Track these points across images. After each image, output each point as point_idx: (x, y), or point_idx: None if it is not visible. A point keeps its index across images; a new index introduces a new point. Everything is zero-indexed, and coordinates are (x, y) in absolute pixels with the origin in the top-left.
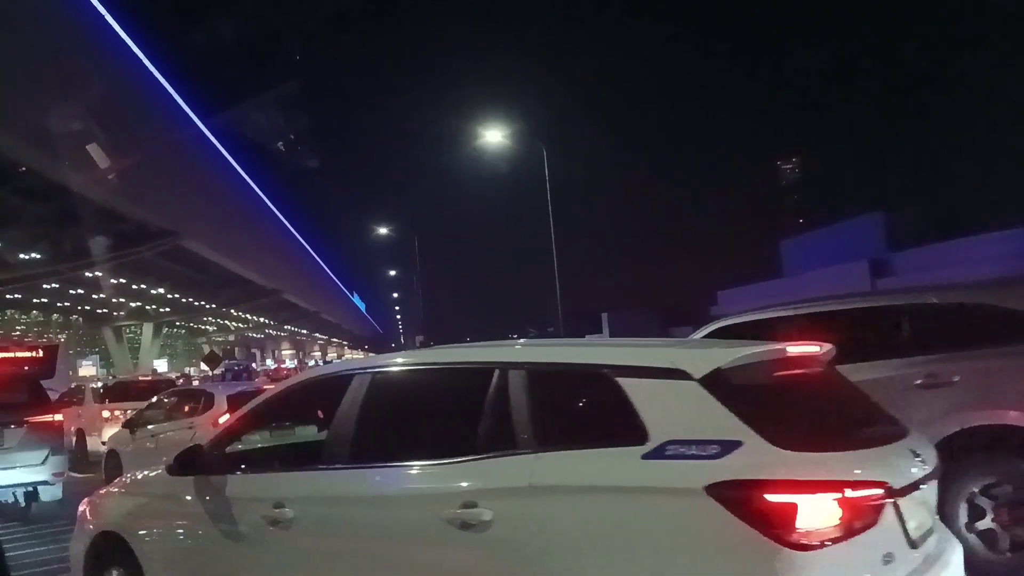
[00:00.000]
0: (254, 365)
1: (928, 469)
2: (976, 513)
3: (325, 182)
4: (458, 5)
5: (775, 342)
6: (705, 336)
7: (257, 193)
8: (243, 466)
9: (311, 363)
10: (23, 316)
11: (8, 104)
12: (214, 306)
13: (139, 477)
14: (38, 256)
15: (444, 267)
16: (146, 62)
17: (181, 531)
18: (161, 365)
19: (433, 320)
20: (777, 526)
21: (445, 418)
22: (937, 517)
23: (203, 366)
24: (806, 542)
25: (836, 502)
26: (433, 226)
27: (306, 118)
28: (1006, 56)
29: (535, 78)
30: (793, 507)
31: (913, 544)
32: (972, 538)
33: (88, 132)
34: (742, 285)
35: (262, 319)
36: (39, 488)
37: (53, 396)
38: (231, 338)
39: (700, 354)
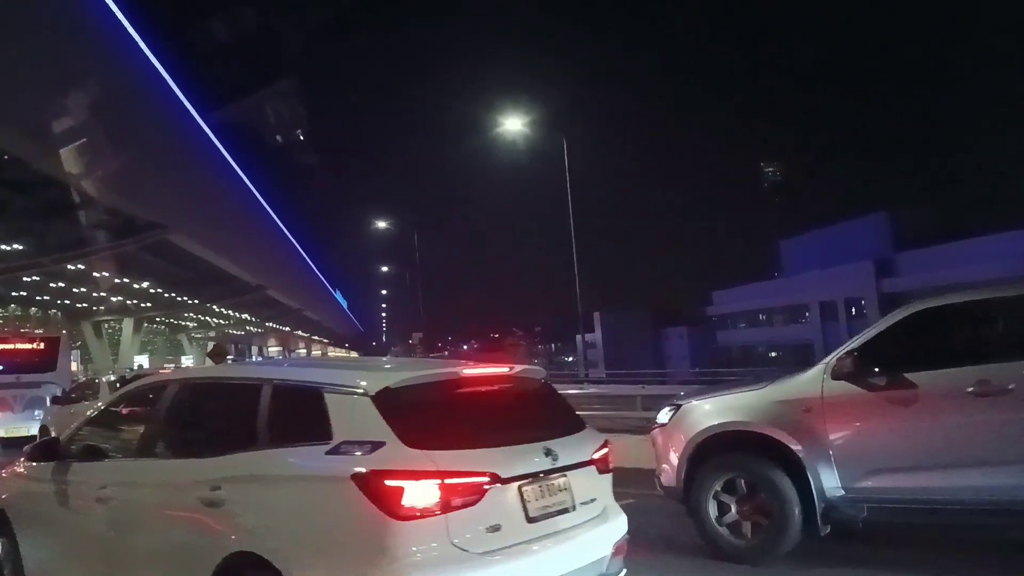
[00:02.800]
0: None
1: (559, 463)
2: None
3: (315, 176)
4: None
5: (455, 365)
6: (901, 321)
7: (248, 186)
8: (86, 455)
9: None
10: (1, 310)
11: None
12: (197, 302)
13: (23, 462)
14: (20, 248)
15: (435, 266)
16: (143, 46)
17: (41, 506)
18: (141, 361)
19: (425, 318)
20: (389, 503)
21: (217, 421)
22: (597, 500)
23: (207, 360)
24: (407, 515)
25: (437, 487)
26: (423, 224)
27: (303, 111)
28: (1010, 56)
29: (533, 77)
30: (401, 490)
31: (531, 519)
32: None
33: (76, 120)
34: (738, 285)
35: (244, 315)
36: None
37: (55, 391)
38: (212, 334)
39: (379, 375)
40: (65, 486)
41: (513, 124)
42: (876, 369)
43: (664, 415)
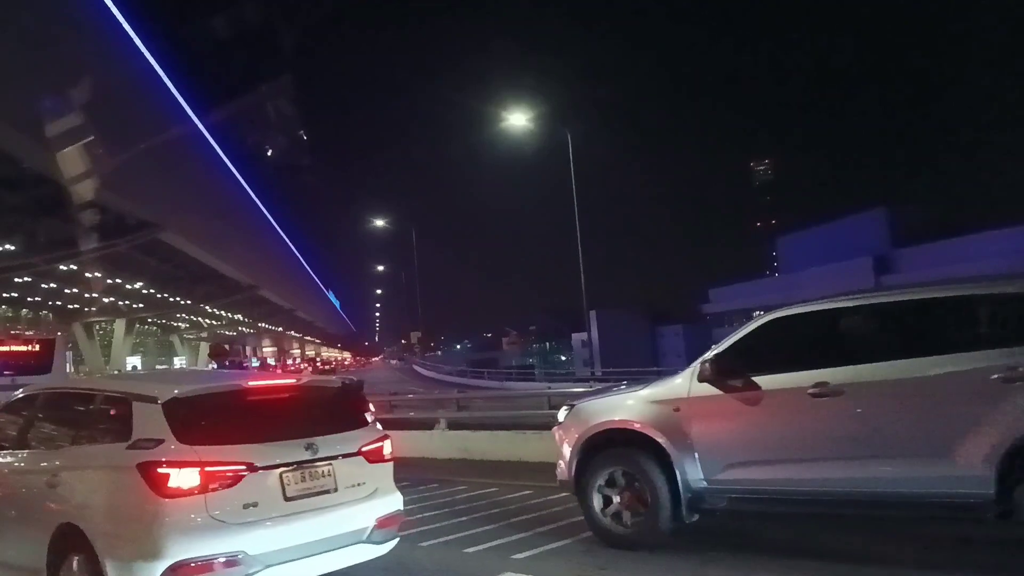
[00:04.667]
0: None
1: (320, 455)
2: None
3: (311, 174)
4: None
5: (242, 377)
6: (757, 328)
7: (242, 184)
8: None
9: (289, 361)
10: None
11: None
12: (189, 302)
13: None
14: (11, 248)
15: (430, 264)
16: (137, 41)
17: None
18: (135, 362)
19: (421, 317)
20: (159, 485)
21: (64, 422)
22: (366, 483)
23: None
24: (173, 494)
25: (197, 473)
26: (420, 223)
27: (299, 109)
28: (1010, 52)
29: (529, 75)
30: (168, 475)
31: (289, 498)
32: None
33: (68, 117)
34: (735, 282)
35: (236, 316)
36: None
37: None
38: (203, 335)
39: (172, 387)
40: None
41: (516, 120)
42: (733, 373)
43: (562, 413)
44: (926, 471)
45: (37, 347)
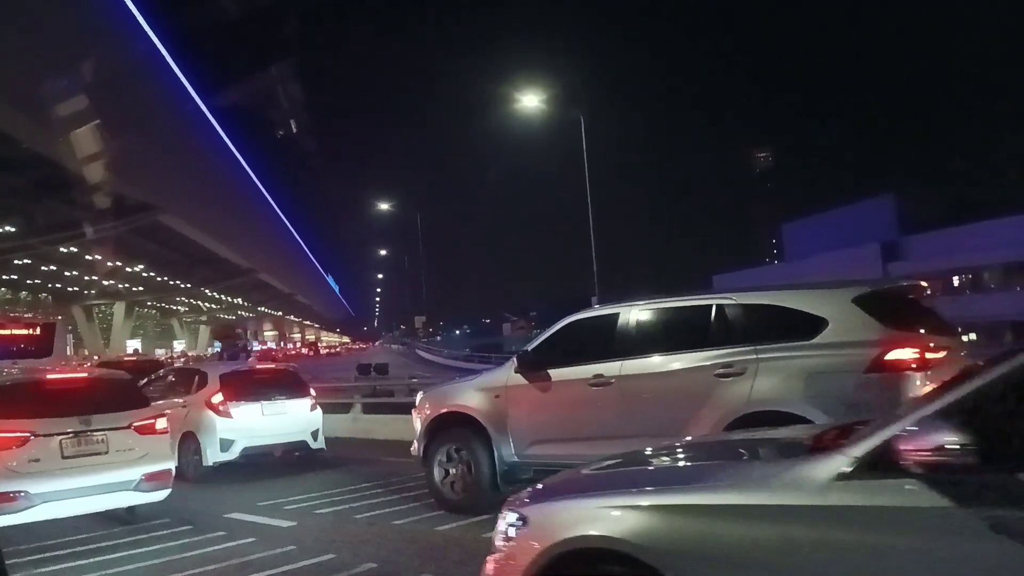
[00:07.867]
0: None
1: (93, 427)
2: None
3: (313, 158)
4: None
5: (46, 373)
6: (561, 328)
7: (243, 167)
8: None
9: (289, 345)
10: None
11: None
12: (188, 286)
13: None
14: (11, 230)
15: (431, 249)
16: (141, 21)
17: None
18: (135, 346)
19: (426, 302)
20: None
21: None
22: (135, 449)
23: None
24: None
25: None
26: (421, 208)
27: (303, 91)
28: (1016, 41)
29: (526, 61)
30: None
31: (66, 457)
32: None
33: (68, 97)
34: (739, 269)
35: (236, 300)
36: None
37: None
38: (203, 319)
39: (14, 373)
40: None
41: (528, 101)
42: (538, 366)
43: (418, 397)
44: None
45: (38, 331)
